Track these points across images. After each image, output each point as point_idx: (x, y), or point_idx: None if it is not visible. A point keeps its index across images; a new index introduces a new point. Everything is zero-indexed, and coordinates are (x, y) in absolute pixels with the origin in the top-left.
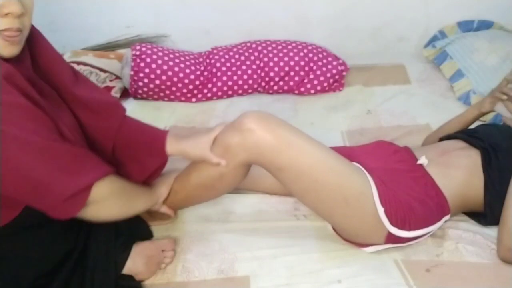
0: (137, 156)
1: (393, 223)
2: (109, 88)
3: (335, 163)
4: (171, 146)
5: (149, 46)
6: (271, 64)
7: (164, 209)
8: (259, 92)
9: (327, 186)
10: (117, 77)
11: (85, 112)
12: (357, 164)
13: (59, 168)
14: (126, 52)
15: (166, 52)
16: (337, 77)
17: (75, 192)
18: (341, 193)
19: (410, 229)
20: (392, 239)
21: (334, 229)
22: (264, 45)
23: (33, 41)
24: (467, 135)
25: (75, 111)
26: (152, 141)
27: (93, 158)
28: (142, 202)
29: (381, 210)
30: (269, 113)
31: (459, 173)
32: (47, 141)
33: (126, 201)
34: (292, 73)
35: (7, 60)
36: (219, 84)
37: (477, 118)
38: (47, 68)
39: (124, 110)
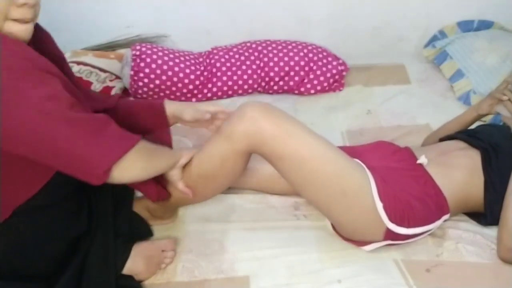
0: (140, 127)
1: (391, 219)
2: (109, 88)
3: (335, 155)
4: (168, 106)
5: (149, 46)
6: (271, 64)
7: (182, 186)
8: (259, 92)
9: (326, 177)
10: (117, 77)
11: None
12: (358, 160)
13: (96, 139)
14: (126, 52)
15: (166, 52)
16: (337, 77)
17: (114, 162)
18: (340, 185)
19: (409, 226)
20: (390, 235)
21: (334, 228)
22: (264, 45)
23: (39, 36)
24: (467, 135)
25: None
26: (151, 106)
27: (119, 127)
28: (164, 161)
29: (379, 205)
30: (270, 104)
31: (459, 173)
32: (78, 113)
33: (150, 161)
34: (292, 73)
35: None
36: (219, 84)
37: (475, 120)
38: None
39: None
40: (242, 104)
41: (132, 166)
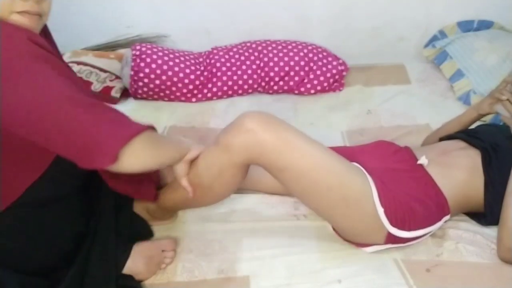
0: None
1: (393, 223)
2: (109, 88)
3: (335, 164)
4: None
5: (149, 46)
6: (271, 64)
7: (185, 183)
8: (259, 92)
9: (327, 187)
10: (117, 77)
11: None
12: (357, 165)
13: (103, 122)
14: (126, 52)
15: (166, 52)
16: (337, 77)
17: (123, 145)
18: (341, 194)
19: (410, 229)
20: (392, 239)
21: (334, 229)
22: (264, 45)
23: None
24: (467, 135)
25: None
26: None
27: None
28: (172, 152)
29: (381, 210)
30: (269, 113)
31: (459, 173)
32: (92, 99)
33: (158, 149)
34: (292, 73)
35: None
36: (219, 84)
37: (475, 120)
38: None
39: None
40: (240, 115)
41: (142, 152)
